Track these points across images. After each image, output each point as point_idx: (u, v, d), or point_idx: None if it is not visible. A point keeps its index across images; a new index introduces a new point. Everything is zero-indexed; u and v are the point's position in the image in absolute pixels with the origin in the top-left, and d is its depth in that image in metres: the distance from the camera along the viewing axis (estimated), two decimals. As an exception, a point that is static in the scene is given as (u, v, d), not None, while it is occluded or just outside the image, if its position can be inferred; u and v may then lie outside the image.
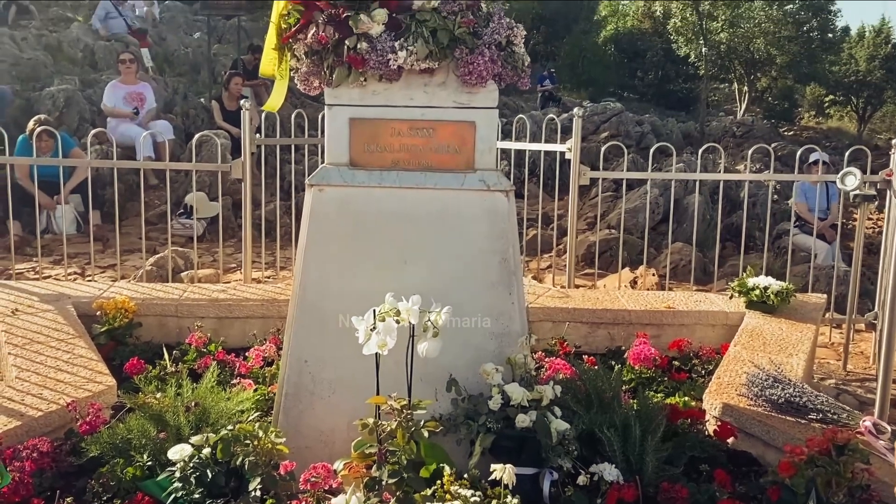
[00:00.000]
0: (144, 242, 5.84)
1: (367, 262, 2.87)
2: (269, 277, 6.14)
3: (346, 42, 2.76)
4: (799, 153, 5.58)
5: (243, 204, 5.45)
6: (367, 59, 2.75)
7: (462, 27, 2.75)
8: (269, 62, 3.02)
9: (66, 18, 15.09)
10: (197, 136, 7.32)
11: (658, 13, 19.90)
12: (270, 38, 2.98)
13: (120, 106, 8.70)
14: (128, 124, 8.59)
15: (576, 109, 5.31)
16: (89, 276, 5.96)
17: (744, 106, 21.95)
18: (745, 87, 22.18)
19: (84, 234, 6.86)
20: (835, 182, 4.51)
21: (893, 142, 4.70)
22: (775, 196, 8.59)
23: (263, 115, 6.41)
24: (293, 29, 2.86)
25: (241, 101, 5.24)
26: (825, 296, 4.89)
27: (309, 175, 6.09)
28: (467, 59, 2.76)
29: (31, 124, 7.18)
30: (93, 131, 5.47)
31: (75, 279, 6.05)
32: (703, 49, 18.31)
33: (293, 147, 6.01)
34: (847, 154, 5.21)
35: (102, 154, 7.83)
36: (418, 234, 2.88)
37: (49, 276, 6.06)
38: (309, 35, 2.80)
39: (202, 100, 11.21)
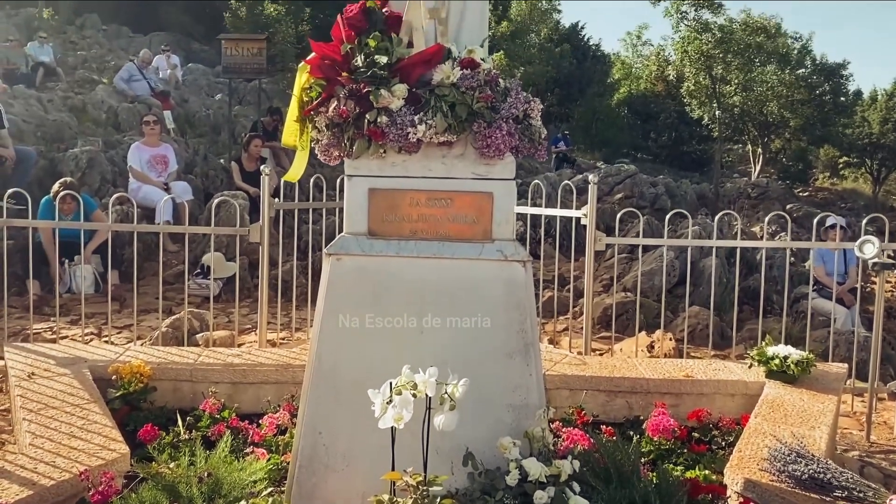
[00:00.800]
0: (161, 303, 5.87)
1: (384, 332, 2.87)
2: (284, 339, 6.14)
3: (367, 116, 2.81)
4: (816, 220, 5.57)
5: (260, 266, 5.48)
6: (386, 132, 2.80)
7: (480, 102, 2.80)
8: (290, 133, 3.08)
9: (91, 80, 15.54)
10: (216, 198, 7.42)
11: (671, 77, 20.16)
12: (292, 111, 3.04)
13: (145, 169, 8.86)
14: (150, 187, 8.74)
15: (590, 176, 5.35)
16: (105, 336, 5.98)
17: (758, 167, 22.04)
18: (759, 149, 22.30)
19: (102, 294, 6.92)
20: (853, 243, 4.50)
21: (911, 210, 4.68)
22: (792, 258, 8.56)
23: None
24: (315, 102, 2.92)
25: (262, 167, 5.32)
26: (846, 365, 4.82)
27: (326, 235, 6.13)
28: (485, 133, 2.80)
29: (55, 187, 7.32)
30: (115, 195, 5.56)
31: (91, 340, 6.08)
32: (717, 112, 18.48)
33: (311, 208, 6.08)
34: (864, 221, 5.19)
35: (123, 214, 7.94)
36: (436, 303, 2.88)
37: (66, 337, 6.09)
38: (330, 108, 2.86)
39: (222, 161, 11.41)
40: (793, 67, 20.29)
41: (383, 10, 2.97)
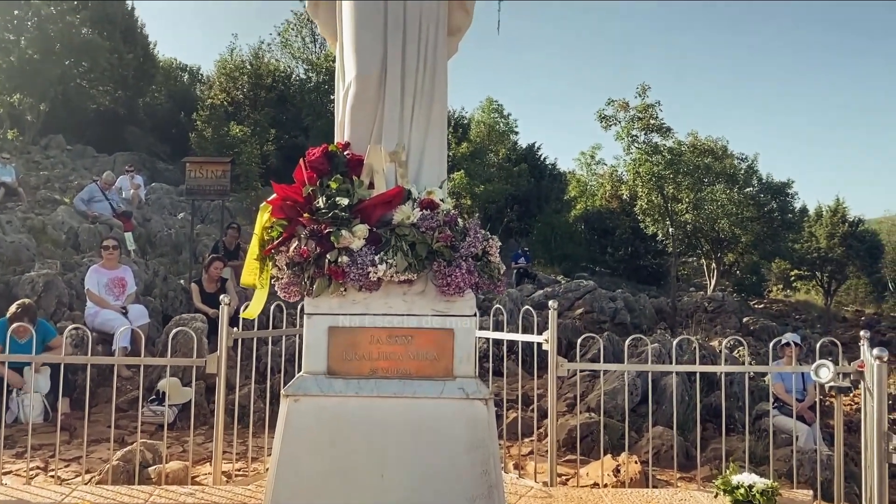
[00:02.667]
0: (113, 431, 5.65)
1: (344, 476, 2.79)
2: (240, 471, 5.92)
3: (328, 255, 2.85)
4: (772, 344, 5.67)
5: (217, 395, 5.34)
6: (347, 271, 2.84)
7: (440, 241, 2.86)
8: (250, 272, 3.09)
9: (53, 200, 15.52)
10: (175, 327, 7.32)
11: (625, 195, 20.89)
12: (252, 250, 3.07)
13: (103, 292, 8.74)
14: (108, 311, 8.60)
15: (550, 302, 5.41)
16: (52, 471, 5.71)
17: (713, 280, 22.58)
18: (713, 263, 22.94)
19: (51, 423, 6.65)
20: (809, 366, 4.57)
21: (863, 333, 4.81)
22: (752, 374, 8.64)
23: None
24: (276, 242, 2.96)
25: (221, 297, 5.28)
26: (810, 492, 4.80)
27: (285, 357, 6.02)
28: (445, 272, 2.85)
29: (13, 308, 7.19)
30: (70, 326, 5.45)
31: (37, 475, 5.79)
32: (670, 229, 19.08)
33: (270, 336, 6.00)
34: (819, 344, 5.30)
35: (78, 340, 7.76)
36: (397, 444, 2.83)
37: (10, 472, 5.79)
38: (291, 248, 2.90)
39: (182, 281, 11.33)
40: (740, 187, 21.23)
41: (345, 153, 3.07)
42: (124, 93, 26.65)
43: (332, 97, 26.19)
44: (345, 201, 2.90)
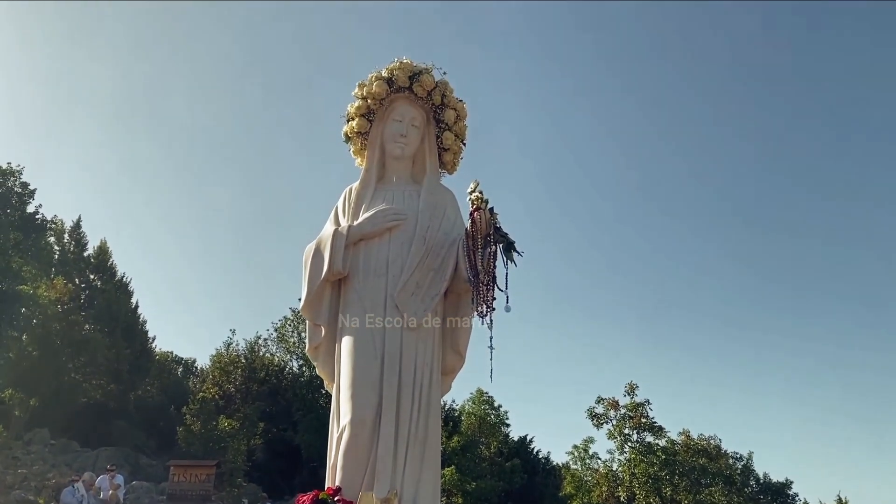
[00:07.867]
0: None
1: None
2: None
3: None
4: None
5: None
6: None
7: None
8: None
9: (27, 503, 14.87)
10: None
11: (622, 497, 20.20)
12: None
13: None
14: None
15: None
16: None
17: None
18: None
19: None
20: None
21: None
22: None
23: None
24: None
25: None
26: None
27: None
28: None
29: None
30: None
31: None
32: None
33: None
34: None
35: None
36: None
37: None
38: None
39: None
40: (738, 488, 20.58)
41: (335, 499, 3.07)
42: (117, 386, 26.78)
43: (323, 391, 26.38)
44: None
